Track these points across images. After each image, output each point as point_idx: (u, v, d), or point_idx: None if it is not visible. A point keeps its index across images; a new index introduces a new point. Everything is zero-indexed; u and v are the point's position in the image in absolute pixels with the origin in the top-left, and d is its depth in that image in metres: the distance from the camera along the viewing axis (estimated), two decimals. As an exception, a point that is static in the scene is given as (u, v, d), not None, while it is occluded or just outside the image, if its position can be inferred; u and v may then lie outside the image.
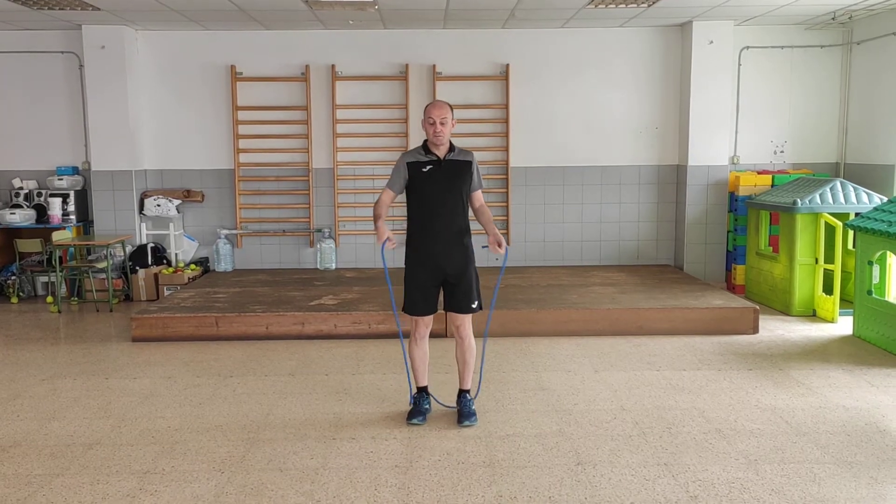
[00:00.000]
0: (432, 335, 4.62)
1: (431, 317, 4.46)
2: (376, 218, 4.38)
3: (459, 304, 4.40)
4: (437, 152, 4.34)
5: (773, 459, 3.92)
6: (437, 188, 4.31)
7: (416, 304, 4.39)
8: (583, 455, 4.00)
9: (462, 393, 4.56)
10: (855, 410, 4.64)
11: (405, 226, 4.50)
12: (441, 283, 4.39)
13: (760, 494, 3.54)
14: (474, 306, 4.41)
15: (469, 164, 4.38)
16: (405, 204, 4.51)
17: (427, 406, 4.54)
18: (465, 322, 4.45)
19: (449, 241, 4.33)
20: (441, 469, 3.85)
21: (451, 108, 4.35)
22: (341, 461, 3.96)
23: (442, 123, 4.25)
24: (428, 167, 4.31)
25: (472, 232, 4.46)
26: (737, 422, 4.46)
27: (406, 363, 4.60)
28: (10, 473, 3.85)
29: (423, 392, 4.56)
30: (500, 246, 4.24)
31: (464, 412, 4.47)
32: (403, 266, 4.48)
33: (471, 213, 4.49)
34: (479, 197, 4.49)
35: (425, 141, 4.37)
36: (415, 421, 4.40)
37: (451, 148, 4.37)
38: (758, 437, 4.23)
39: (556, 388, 5.10)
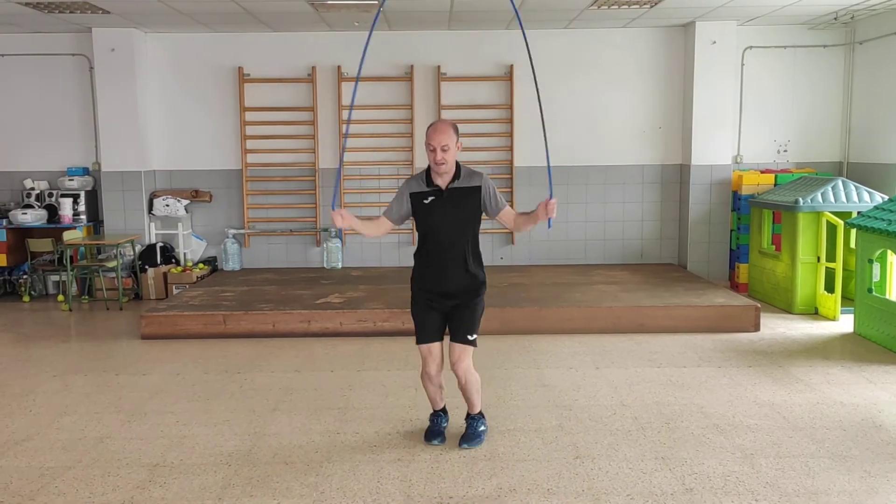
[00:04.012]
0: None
1: (440, 351, 4.09)
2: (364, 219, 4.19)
3: (455, 331, 4.05)
4: (438, 182, 3.96)
5: (768, 453, 3.99)
6: (439, 220, 3.97)
7: (419, 330, 4.10)
8: (581, 449, 4.08)
9: (470, 415, 4.26)
10: (852, 406, 4.70)
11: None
12: (446, 312, 4.08)
13: (755, 487, 3.61)
14: (471, 338, 4.03)
15: (477, 189, 3.99)
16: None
17: (445, 424, 4.29)
18: (462, 357, 4.04)
19: (454, 272, 4.01)
20: (443, 462, 3.93)
21: (456, 128, 3.94)
22: (345, 454, 4.05)
23: (444, 150, 3.85)
24: (430, 198, 3.96)
25: (483, 263, 4.14)
26: (735, 417, 4.53)
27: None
28: (24, 466, 3.96)
29: (439, 412, 4.30)
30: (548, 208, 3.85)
31: (467, 434, 4.18)
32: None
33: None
34: (508, 214, 4.08)
35: (429, 167, 3.99)
36: (434, 442, 4.17)
37: (457, 174, 3.98)
38: (755, 431, 4.29)
39: (557, 385, 5.18)
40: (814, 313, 7.17)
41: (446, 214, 3.97)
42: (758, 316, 6.61)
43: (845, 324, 6.74)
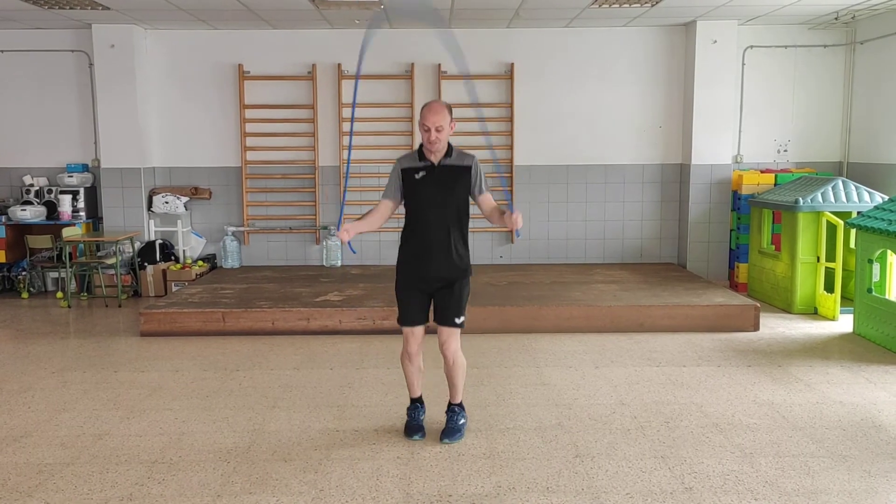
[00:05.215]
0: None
1: (422, 331, 4.18)
2: (362, 216, 4.20)
3: (442, 314, 4.11)
4: (431, 158, 4.07)
5: (768, 453, 3.99)
6: (429, 196, 4.04)
7: (402, 312, 4.15)
8: (581, 448, 4.08)
9: (451, 406, 4.31)
10: (851, 406, 4.69)
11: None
12: (431, 293, 4.13)
13: (754, 486, 3.61)
14: (458, 321, 4.10)
15: (468, 168, 4.08)
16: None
17: (422, 416, 4.35)
18: (450, 340, 4.12)
19: (441, 250, 4.05)
20: (442, 460, 3.93)
21: (450, 109, 4.05)
22: (344, 452, 4.04)
23: (438, 130, 3.95)
24: (421, 173, 4.05)
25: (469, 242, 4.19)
26: (734, 416, 4.52)
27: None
28: (23, 462, 3.95)
29: (416, 403, 4.35)
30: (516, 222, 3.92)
31: (447, 428, 4.23)
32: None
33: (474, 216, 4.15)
34: (487, 200, 4.15)
35: (422, 144, 4.09)
36: (416, 437, 4.21)
37: (449, 152, 4.09)
38: (754, 431, 4.29)
39: (556, 384, 5.17)
40: (813, 313, 7.17)
41: (437, 189, 4.05)
42: (757, 315, 6.61)
43: (845, 324, 6.74)
